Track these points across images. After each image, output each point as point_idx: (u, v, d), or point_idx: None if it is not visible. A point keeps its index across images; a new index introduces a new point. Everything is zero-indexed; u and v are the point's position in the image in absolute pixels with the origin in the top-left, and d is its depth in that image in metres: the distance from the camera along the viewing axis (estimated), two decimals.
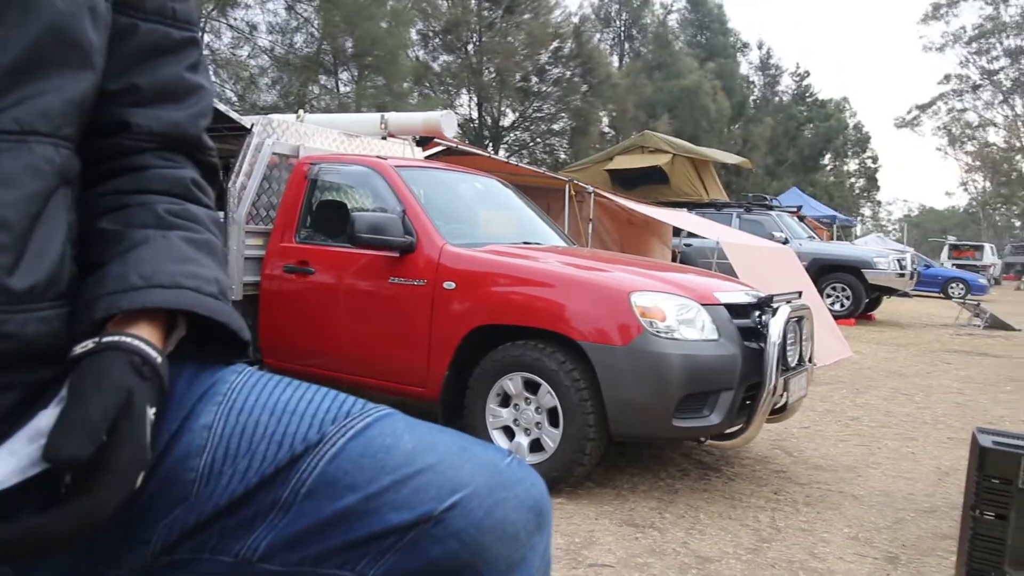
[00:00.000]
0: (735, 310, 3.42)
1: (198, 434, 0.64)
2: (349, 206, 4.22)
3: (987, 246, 28.77)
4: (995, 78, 46.13)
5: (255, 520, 0.61)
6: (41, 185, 0.60)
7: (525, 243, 4.15)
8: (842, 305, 11.23)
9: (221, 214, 4.10)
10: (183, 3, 0.74)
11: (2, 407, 0.60)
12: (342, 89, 21.24)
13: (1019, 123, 46.51)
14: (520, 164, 9.32)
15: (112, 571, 0.63)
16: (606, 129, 31.18)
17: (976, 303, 13.00)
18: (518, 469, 0.64)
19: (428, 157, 6.45)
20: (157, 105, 0.72)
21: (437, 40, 26.62)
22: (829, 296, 11.16)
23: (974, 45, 45.81)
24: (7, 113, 0.58)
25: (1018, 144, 47.03)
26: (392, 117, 6.19)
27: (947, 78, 48.08)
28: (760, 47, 42.52)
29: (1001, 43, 44.89)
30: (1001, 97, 46.57)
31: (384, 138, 5.75)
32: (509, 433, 3.39)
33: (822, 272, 11.11)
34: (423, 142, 6.39)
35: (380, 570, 0.60)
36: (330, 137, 4.94)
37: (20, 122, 0.59)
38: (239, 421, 0.65)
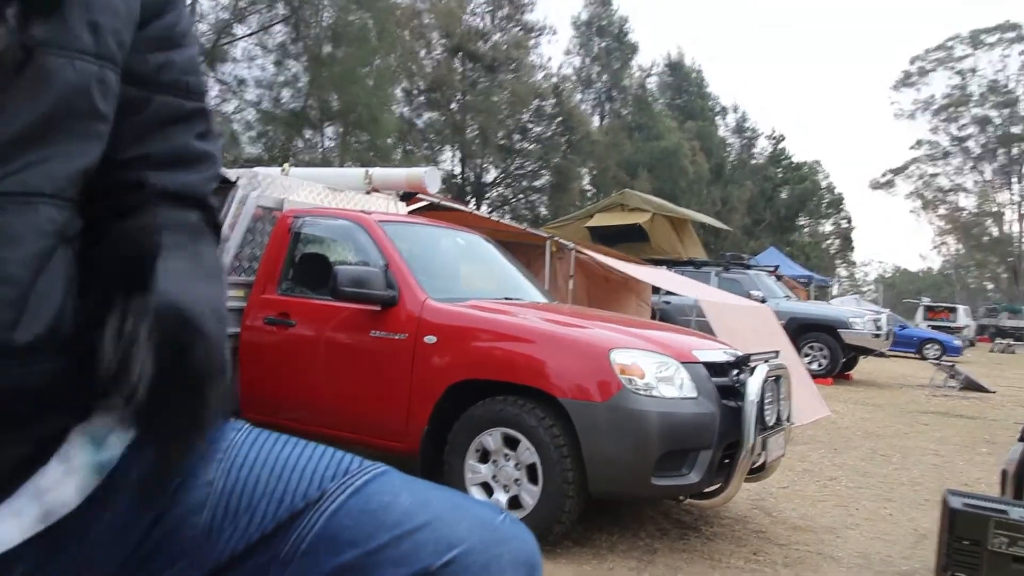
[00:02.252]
0: (713, 368, 3.45)
1: (200, 490, 0.65)
2: (332, 259, 4.24)
3: (961, 308, 29.21)
4: (964, 145, 47.55)
5: (255, 575, 0.62)
6: (44, 244, 0.62)
7: (506, 299, 4.17)
8: (820, 364, 11.32)
9: None
10: (195, 76, 0.78)
11: (6, 464, 0.61)
12: (327, 144, 21.47)
13: (989, 189, 47.78)
14: (502, 220, 9.42)
15: None
16: (587, 187, 31.64)
17: (951, 364, 13.12)
18: (511, 526, 0.66)
19: (411, 212, 6.51)
20: (170, 170, 0.75)
21: (421, 98, 27.08)
22: (807, 355, 11.25)
23: (943, 113, 47.31)
24: (15, 176, 0.60)
25: (988, 209, 48.21)
26: (376, 172, 6.26)
27: (919, 143, 49.49)
28: (735, 110, 43.44)
29: (970, 112, 46.40)
30: (971, 164, 47.91)
31: (368, 193, 5.81)
32: (488, 490, 3.37)
33: (800, 331, 11.22)
34: (407, 197, 6.45)
35: None
36: (314, 191, 4.98)
37: (27, 184, 0.61)
38: (239, 477, 0.66)
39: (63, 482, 0.64)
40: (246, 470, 0.67)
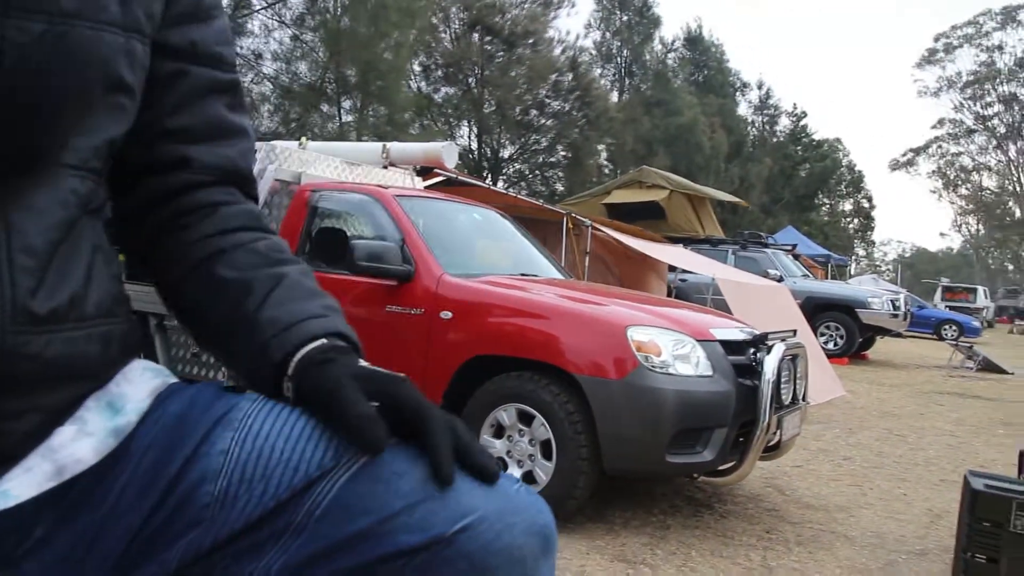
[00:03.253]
0: (730, 347, 3.44)
1: (214, 459, 0.65)
2: (348, 234, 4.25)
3: (980, 289, 28.94)
4: (989, 123, 46.75)
5: (268, 542, 0.62)
6: (65, 214, 0.62)
7: (523, 275, 4.17)
8: (836, 344, 11.26)
9: None
10: (228, 47, 0.79)
11: (23, 429, 0.62)
12: (344, 118, 21.40)
13: (1012, 168, 47.04)
14: (519, 196, 9.38)
15: None
16: (604, 163, 31.41)
17: (969, 345, 13.04)
18: (526, 496, 0.66)
19: (428, 187, 6.50)
20: (210, 143, 0.77)
21: (439, 72, 26.91)
22: (823, 335, 11.19)
23: (968, 91, 46.50)
24: None
25: (1011, 189, 47.50)
26: (394, 147, 6.24)
27: (941, 122, 48.74)
28: (760, 87, 42.77)
29: (995, 89, 45.58)
30: (995, 142, 47.14)
31: (385, 167, 5.80)
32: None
33: (816, 311, 11.15)
34: (424, 172, 6.43)
35: None
36: (332, 165, 4.98)
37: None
38: (255, 447, 0.66)
39: (77, 440, 0.64)
40: (261, 439, 0.66)
